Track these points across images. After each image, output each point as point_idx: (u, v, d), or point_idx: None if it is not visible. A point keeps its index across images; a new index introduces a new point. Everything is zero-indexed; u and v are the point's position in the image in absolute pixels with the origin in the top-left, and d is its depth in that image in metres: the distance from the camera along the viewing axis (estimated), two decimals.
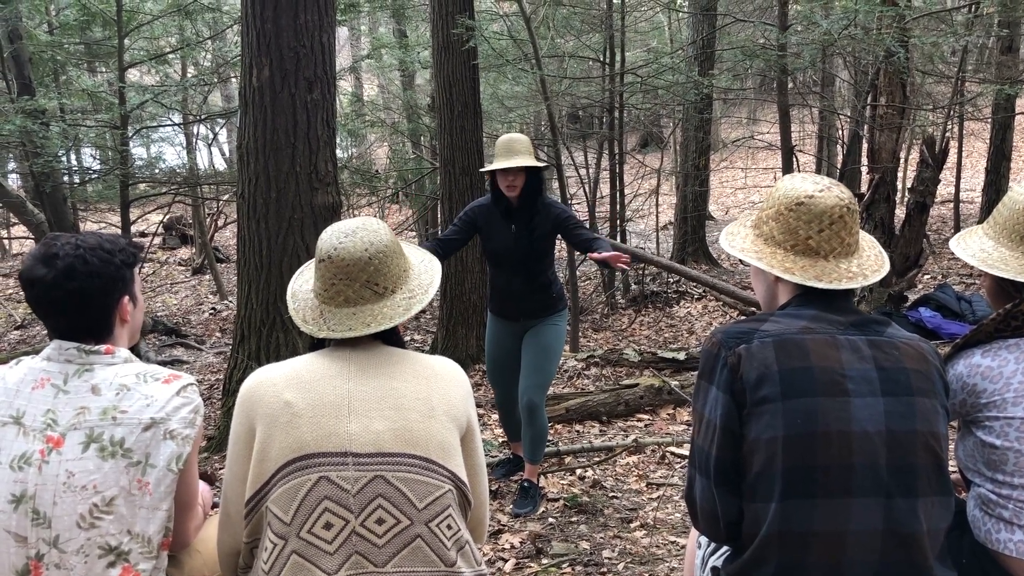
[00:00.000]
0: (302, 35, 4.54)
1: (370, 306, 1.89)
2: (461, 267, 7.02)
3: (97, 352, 1.83)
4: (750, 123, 19.83)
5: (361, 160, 13.46)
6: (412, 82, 14.25)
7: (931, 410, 1.66)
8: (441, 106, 7.05)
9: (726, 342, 1.71)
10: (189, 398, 1.84)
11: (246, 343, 4.75)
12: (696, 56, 10.79)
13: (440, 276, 2.00)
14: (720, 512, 1.72)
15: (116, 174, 8.00)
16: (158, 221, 15.01)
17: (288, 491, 1.74)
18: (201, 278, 13.29)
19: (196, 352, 8.73)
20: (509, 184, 3.80)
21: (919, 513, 1.62)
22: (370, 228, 1.92)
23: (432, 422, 1.82)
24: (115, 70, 8.05)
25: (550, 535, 3.75)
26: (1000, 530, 1.88)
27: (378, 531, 1.74)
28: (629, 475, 4.45)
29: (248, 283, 4.73)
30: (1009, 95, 10.06)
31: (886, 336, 1.71)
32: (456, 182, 7.00)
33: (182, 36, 9.68)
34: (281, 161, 4.57)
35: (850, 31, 7.43)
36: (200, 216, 12.79)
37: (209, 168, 13.91)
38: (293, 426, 1.76)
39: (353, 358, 1.87)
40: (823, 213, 1.75)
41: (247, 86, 4.63)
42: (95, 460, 1.73)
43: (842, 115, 11.77)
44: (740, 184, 18.79)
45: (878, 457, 1.61)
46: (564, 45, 10.16)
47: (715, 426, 1.70)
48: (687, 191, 11.89)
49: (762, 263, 1.80)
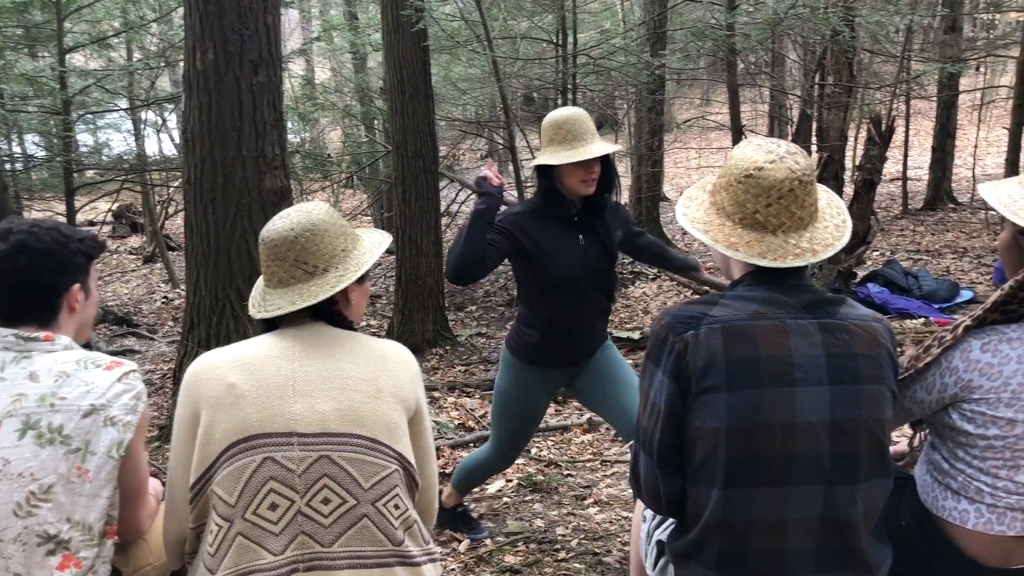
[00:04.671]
0: (246, 17, 4.47)
1: (301, 285, 1.88)
2: (416, 251, 7.00)
3: (36, 339, 1.80)
4: (703, 104, 19.97)
5: (313, 144, 13.31)
6: (364, 65, 14.11)
7: (878, 395, 1.66)
8: (392, 89, 7.00)
9: (674, 327, 1.69)
10: (131, 384, 1.82)
11: (196, 331, 4.69)
12: (648, 37, 10.82)
13: (379, 254, 1.97)
14: (663, 489, 1.74)
15: (59, 161, 7.83)
16: (107, 209, 14.73)
17: (233, 473, 1.73)
18: (152, 267, 13.07)
19: (148, 342, 8.60)
20: (588, 179, 2.86)
21: (857, 498, 1.65)
22: (303, 209, 1.92)
23: (379, 403, 1.81)
24: (56, 54, 7.86)
25: (505, 514, 3.77)
26: (947, 498, 1.91)
27: (324, 511, 1.73)
28: (584, 453, 4.49)
29: (196, 270, 4.67)
30: (952, 74, 10.27)
31: (838, 318, 1.69)
32: (409, 165, 6.97)
33: (126, 19, 9.46)
34: (227, 145, 4.50)
35: (797, 11, 7.51)
36: (150, 203, 12.56)
37: (159, 154, 13.64)
38: (237, 407, 1.75)
39: (299, 339, 1.85)
40: (771, 187, 1.68)
41: (191, 69, 4.54)
42: (32, 447, 1.70)
43: (791, 95, 11.90)
44: (694, 164, 18.92)
45: (821, 447, 1.62)
46: (516, 26, 10.11)
47: (660, 410, 1.70)
48: (641, 172, 11.94)
49: (707, 237, 1.74)
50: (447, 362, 6.78)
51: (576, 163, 2.81)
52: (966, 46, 11.88)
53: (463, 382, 5.97)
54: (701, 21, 9.92)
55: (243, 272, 4.58)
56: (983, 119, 14.31)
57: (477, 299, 9.17)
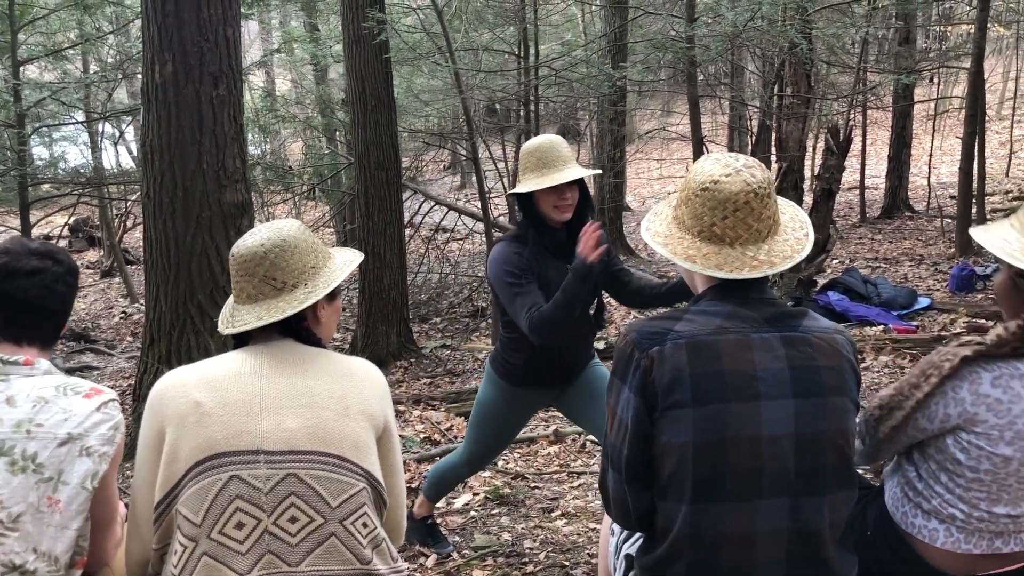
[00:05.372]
0: (206, 29, 4.43)
1: (268, 301, 1.86)
2: (379, 263, 6.98)
3: (15, 363, 1.77)
4: (663, 115, 20.14)
5: (275, 157, 13.21)
6: (325, 76, 14.05)
7: (840, 408, 1.67)
8: (354, 100, 6.98)
9: (640, 343, 1.68)
10: (110, 414, 1.78)
11: (156, 346, 4.62)
12: (609, 49, 10.90)
13: (347, 273, 1.96)
14: (631, 505, 1.74)
15: (13, 175, 7.69)
16: (63, 223, 14.46)
17: (198, 492, 1.70)
18: (111, 281, 12.87)
19: (107, 358, 8.46)
20: (561, 204, 2.85)
21: (824, 510, 1.66)
22: (274, 226, 1.90)
23: (347, 420, 1.79)
24: (9, 67, 7.73)
25: (472, 528, 3.75)
26: (917, 516, 1.91)
27: (291, 530, 1.71)
28: (550, 464, 4.49)
29: (156, 285, 4.61)
30: (907, 84, 10.47)
31: (801, 331, 1.70)
32: (372, 177, 6.95)
33: (82, 31, 9.33)
34: (187, 159, 4.46)
35: (755, 23, 7.61)
36: (108, 217, 12.38)
37: (116, 167, 13.45)
38: (203, 425, 1.72)
39: (265, 356, 1.83)
40: (727, 200, 1.69)
41: (149, 82, 4.49)
42: (3, 474, 1.66)
43: (750, 105, 12.06)
44: (656, 175, 19.06)
45: (787, 460, 1.63)
46: (478, 38, 10.13)
47: (627, 426, 1.70)
48: (604, 182, 12.01)
49: (667, 250, 1.75)
50: (412, 375, 6.75)
51: (548, 189, 2.80)
52: (920, 57, 12.14)
53: (428, 395, 5.94)
54: (661, 33, 10.02)
55: (204, 287, 4.53)
56: (937, 128, 14.63)
57: (441, 311, 9.15)
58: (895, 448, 1.99)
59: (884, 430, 1.93)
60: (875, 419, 1.96)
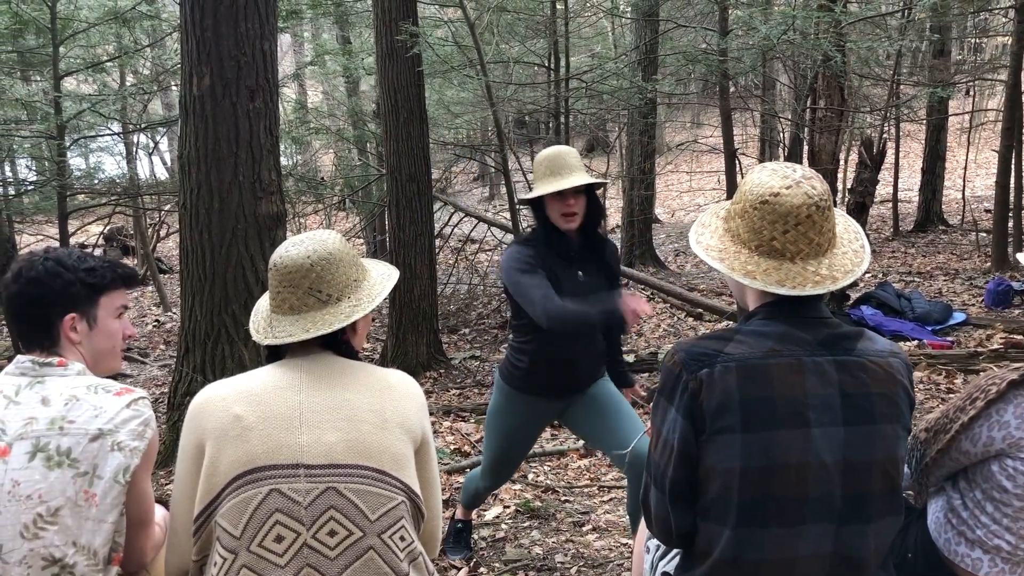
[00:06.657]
0: (243, 43, 4.48)
1: (313, 313, 1.87)
2: (410, 274, 7.00)
3: (50, 364, 1.83)
4: (694, 127, 20.10)
5: (306, 167, 13.33)
6: (357, 88, 14.17)
7: (892, 436, 1.64)
8: (386, 112, 7.02)
9: (688, 364, 1.65)
10: (139, 411, 1.83)
11: (191, 356, 4.67)
12: (639, 61, 10.91)
13: (390, 287, 1.98)
14: (674, 524, 1.72)
15: (53, 185, 7.82)
16: (98, 232, 14.69)
17: (238, 504, 1.72)
18: (144, 290, 13.02)
19: (140, 365, 8.55)
20: (567, 212, 2.89)
21: (868, 537, 1.63)
22: (318, 238, 1.92)
23: (385, 433, 1.80)
24: (50, 79, 7.87)
25: (503, 541, 3.75)
26: (961, 544, 1.88)
27: (330, 543, 1.72)
28: (581, 478, 4.47)
29: (192, 295, 4.65)
30: (942, 98, 10.36)
31: (855, 355, 1.65)
32: (403, 188, 6.98)
33: (120, 44, 9.49)
34: (223, 170, 4.50)
35: (789, 36, 7.58)
36: (142, 227, 12.54)
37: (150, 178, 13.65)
38: (243, 439, 1.74)
39: (304, 369, 1.85)
40: (788, 213, 1.63)
41: (187, 95, 4.55)
42: (41, 470, 1.71)
43: (783, 118, 12.00)
44: (685, 187, 19.01)
45: (834, 486, 1.60)
46: (509, 51, 10.19)
47: (672, 447, 1.68)
48: (633, 195, 12.01)
49: (723, 265, 1.69)
50: (441, 385, 6.77)
51: (553, 195, 2.87)
52: (955, 70, 12.01)
53: (458, 406, 5.95)
54: (692, 46, 10.01)
55: (239, 297, 4.57)
56: (972, 141, 14.45)
57: (470, 322, 9.17)
58: (942, 473, 1.96)
59: (931, 453, 1.91)
60: (921, 442, 1.94)
